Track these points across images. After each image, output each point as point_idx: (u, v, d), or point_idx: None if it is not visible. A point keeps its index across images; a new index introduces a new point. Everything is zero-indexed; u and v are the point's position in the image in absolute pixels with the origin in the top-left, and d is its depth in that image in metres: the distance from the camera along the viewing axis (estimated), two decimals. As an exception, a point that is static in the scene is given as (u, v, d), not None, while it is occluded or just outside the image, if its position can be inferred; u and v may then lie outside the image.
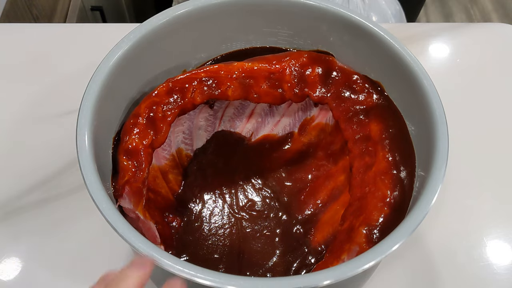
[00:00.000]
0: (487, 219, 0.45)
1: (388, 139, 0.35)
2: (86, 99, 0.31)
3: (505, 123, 0.51)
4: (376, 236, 0.31)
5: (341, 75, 0.37)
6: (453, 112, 0.37)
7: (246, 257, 0.39)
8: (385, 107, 0.36)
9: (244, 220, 0.41)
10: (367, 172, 0.35)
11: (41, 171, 0.45)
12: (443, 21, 1.50)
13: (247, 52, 0.40)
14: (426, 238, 0.43)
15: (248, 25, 0.39)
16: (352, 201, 0.36)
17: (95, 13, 1.02)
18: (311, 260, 0.38)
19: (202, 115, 0.42)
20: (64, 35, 0.58)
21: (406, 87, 0.34)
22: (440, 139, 0.31)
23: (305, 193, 0.42)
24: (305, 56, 0.37)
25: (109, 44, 0.33)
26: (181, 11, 0.36)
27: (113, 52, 0.33)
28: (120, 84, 0.34)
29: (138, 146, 0.33)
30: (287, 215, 0.41)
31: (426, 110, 0.32)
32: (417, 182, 0.33)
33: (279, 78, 0.37)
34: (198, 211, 0.41)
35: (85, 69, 0.36)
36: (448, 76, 0.55)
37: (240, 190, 0.42)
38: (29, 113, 0.50)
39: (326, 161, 0.42)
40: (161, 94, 0.35)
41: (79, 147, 0.29)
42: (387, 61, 0.35)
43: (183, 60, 0.39)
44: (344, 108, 0.37)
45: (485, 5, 1.53)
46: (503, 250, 0.43)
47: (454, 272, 0.41)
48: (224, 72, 0.36)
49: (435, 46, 0.58)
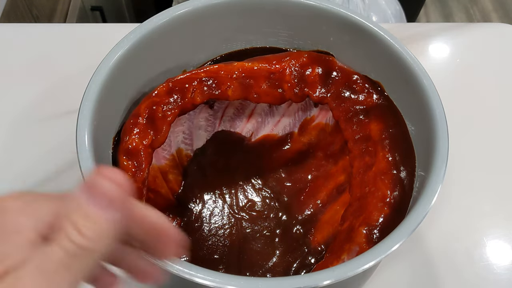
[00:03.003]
0: (487, 219, 0.45)
1: (388, 139, 0.35)
2: (86, 99, 0.31)
3: (505, 123, 0.51)
4: (376, 236, 0.31)
5: (341, 75, 0.37)
6: (453, 112, 0.37)
7: (246, 257, 0.39)
8: (385, 107, 0.36)
9: (244, 221, 0.41)
10: (367, 172, 0.35)
11: (41, 171, 0.45)
12: (443, 21, 1.50)
13: (247, 52, 0.40)
14: (426, 238, 0.43)
15: (248, 25, 0.39)
16: (352, 201, 0.36)
17: (95, 13, 1.02)
18: (311, 260, 0.38)
19: (202, 115, 0.42)
20: (64, 35, 0.58)
21: (406, 87, 0.34)
22: (440, 139, 0.31)
23: (305, 193, 0.42)
24: (305, 56, 0.37)
25: (109, 44, 0.33)
26: (181, 11, 0.36)
27: (113, 52, 0.33)
28: (120, 84, 0.34)
29: (138, 146, 0.33)
30: (287, 215, 0.41)
31: (426, 110, 0.32)
32: (417, 182, 0.33)
33: (279, 78, 0.37)
34: (198, 211, 0.41)
35: (85, 69, 0.36)
36: (448, 76, 0.55)
37: (240, 190, 0.42)
38: (29, 113, 0.50)
39: (326, 161, 0.42)
40: (161, 94, 0.35)
41: (79, 147, 0.29)
42: (387, 61, 0.35)
43: (183, 60, 0.39)
44: (344, 108, 0.37)
45: (485, 5, 1.53)
46: (503, 250, 0.43)
47: (454, 272, 0.41)
48: (224, 72, 0.36)
49: (435, 46, 0.58)
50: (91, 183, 0.18)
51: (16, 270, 0.16)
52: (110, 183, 0.18)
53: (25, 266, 0.17)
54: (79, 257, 0.17)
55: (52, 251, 0.17)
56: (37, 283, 0.16)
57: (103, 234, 0.18)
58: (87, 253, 0.17)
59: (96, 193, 0.18)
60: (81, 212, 0.17)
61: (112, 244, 0.18)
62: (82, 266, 0.18)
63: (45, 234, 0.18)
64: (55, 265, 0.17)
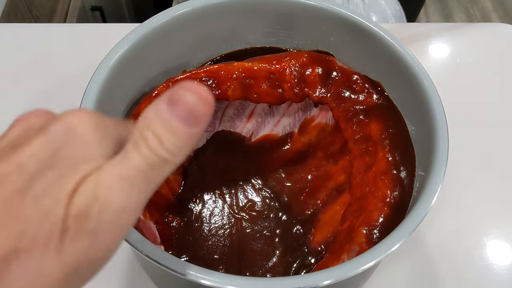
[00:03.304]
0: (487, 219, 0.45)
1: (388, 139, 0.35)
2: (86, 99, 0.31)
3: (505, 123, 0.51)
4: (376, 236, 0.31)
5: (341, 75, 0.37)
6: (453, 112, 0.37)
7: (246, 257, 0.39)
8: (385, 107, 0.36)
9: (244, 221, 0.41)
10: (367, 172, 0.35)
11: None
12: (443, 21, 1.50)
13: (247, 52, 0.40)
14: (426, 238, 0.43)
15: (248, 25, 0.39)
16: (352, 201, 0.36)
17: (95, 13, 1.02)
18: (311, 260, 0.38)
19: (202, 115, 0.42)
20: (64, 35, 0.58)
21: (406, 87, 0.34)
22: (440, 139, 0.31)
23: (305, 193, 0.42)
24: (305, 56, 0.37)
25: (109, 44, 0.33)
26: (181, 11, 0.36)
27: (113, 52, 0.33)
28: (120, 84, 0.34)
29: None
30: (287, 215, 0.41)
31: (426, 110, 0.32)
32: (417, 182, 0.33)
33: (279, 78, 0.37)
34: (198, 211, 0.41)
35: (85, 69, 0.36)
36: (448, 76, 0.55)
37: (240, 190, 0.42)
38: (29, 113, 0.50)
39: (326, 161, 0.42)
40: (161, 94, 0.35)
41: (79, 147, 0.29)
42: (387, 61, 0.35)
43: (183, 60, 0.39)
44: (344, 108, 0.37)
45: (485, 5, 1.53)
46: (503, 250, 0.43)
47: (454, 272, 0.41)
48: (224, 72, 0.36)
49: (435, 46, 0.58)
50: (176, 96, 0.17)
51: (95, 174, 0.16)
52: (196, 97, 0.17)
53: (104, 171, 0.16)
54: (157, 168, 0.17)
55: (131, 159, 0.16)
56: (118, 188, 0.16)
57: (183, 149, 0.17)
58: (165, 165, 0.17)
59: (181, 107, 0.17)
60: (165, 124, 0.17)
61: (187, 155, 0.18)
62: (159, 177, 0.17)
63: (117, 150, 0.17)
64: (135, 172, 0.16)
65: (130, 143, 0.17)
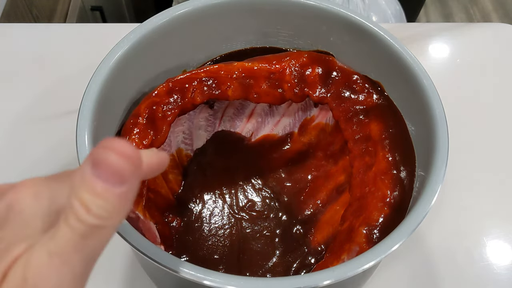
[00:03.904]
0: (487, 219, 0.45)
1: (388, 139, 0.35)
2: (86, 99, 0.31)
3: (505, 123, 0.51)
4: (376, 236, 0.31)
5: (341, 75, 0.37)
6: (453, 112, 0.37)
7: (246, 257, 0.39)
8: (385, 107, 0.36)
9: (244, 221, 0.41)
10: (367, 172, 0.35)
11: (41, 172, 0.45)
12: (443, 21, 1.50)
13: (247, 52, 0.40)
14: (426, 238, 0.43)
15: (248, 25, 0.39)
16: (352, 201, 0.36)
17: (95, 13, 1.02)
18: (311, 260, 0.38)
19: (202, 115, 0.42)
20: (64, 35, 0.58)
21: (406, 87, 0.34)
22: (440, 139, 0.31)
23: (305, 193, 0.42)
24: (305, 56, 0.37)
25: (109, 44, 0.33)
26: (181, 11, 0.36)
27: (113, 52, 0.33)
28: (120, 84, 0.34)
29: (138, 146, 0.33)
30: (287, 215, 0.41)
31: (426, 110, 0.32)
32: (417, 182, 0.33)
33: (279, 78, 0.37)
34: (198, 211, 0.41)
35: (85, 69, 0.36)
36: (448, 76, 0.55)
37: (240, 190, 0.42)
38: (29, 113, 0.50)
39: (326, 161, 0.42)
40: (161, 94, 0.35)
41: (79, 147, 0.29)
42: (387, 61, 0.35)
43: (183, 60, 0.39)
44: (344, 108, 0.37)
45: (485, 5, 1.53)
46: (503, 250, 0.43)
47: (454, 272, 0.41)
48: (224, 72, 0.36)
49: (435, 46, 0.58)
50: (99, 157, 0.16)
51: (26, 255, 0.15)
52: (118, 156, 0.16)
53: (33, 251, 0.15)
54: (90, 237, 0.16)
55: (60, 232, 0.15)
56: (48, 267, 0.15)
57: (115, 210, 0.16)
58: (99, 231, 0.16)
59: (105, 168, 0.16)
60: (90, 188, 0.16)
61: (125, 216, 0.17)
62: (97, 245, 0.16)
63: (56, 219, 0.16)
64: (65, 247, 0.15)
65: (62, 214, 0.16)
